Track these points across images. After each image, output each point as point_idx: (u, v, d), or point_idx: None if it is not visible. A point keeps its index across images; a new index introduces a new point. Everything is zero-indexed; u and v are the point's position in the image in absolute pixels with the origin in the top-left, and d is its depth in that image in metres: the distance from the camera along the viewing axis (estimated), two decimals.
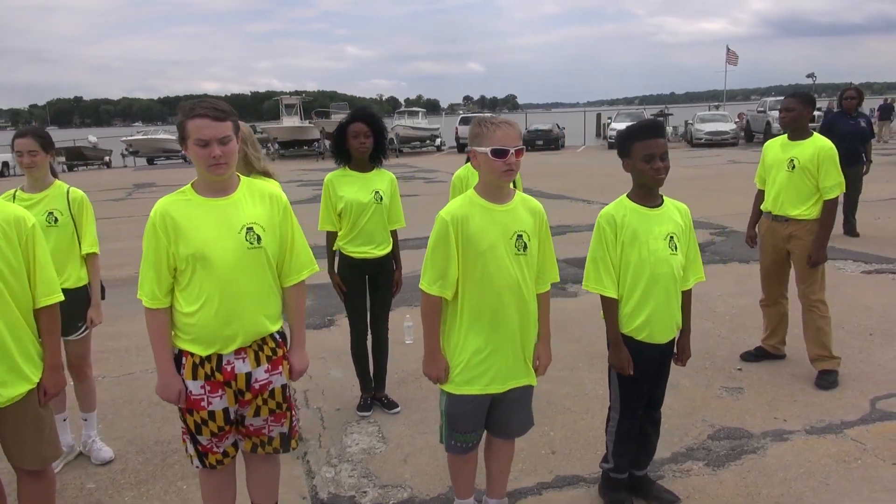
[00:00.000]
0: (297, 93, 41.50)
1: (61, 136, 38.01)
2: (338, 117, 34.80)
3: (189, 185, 2.46)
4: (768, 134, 24.01)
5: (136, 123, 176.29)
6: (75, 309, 3.48)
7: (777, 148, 4.54)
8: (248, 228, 2.42)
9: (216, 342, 2.41)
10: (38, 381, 2.52)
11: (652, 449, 3.16)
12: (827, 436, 3.68)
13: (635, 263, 2.84)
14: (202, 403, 2.44)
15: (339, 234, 4.05)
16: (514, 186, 4.17)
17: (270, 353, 2.52)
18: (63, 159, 30.66)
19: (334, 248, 4.10)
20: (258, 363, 2.48)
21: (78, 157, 32.15)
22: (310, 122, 34.15)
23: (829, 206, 4.34)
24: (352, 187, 3.97)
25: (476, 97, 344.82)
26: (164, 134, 35.44)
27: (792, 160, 4.38)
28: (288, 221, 2.56)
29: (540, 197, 13.96)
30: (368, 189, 3.98)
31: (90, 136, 36.80)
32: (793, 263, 4.51)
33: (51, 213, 3.43)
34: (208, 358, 2.42)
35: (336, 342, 5.31)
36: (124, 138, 34.61)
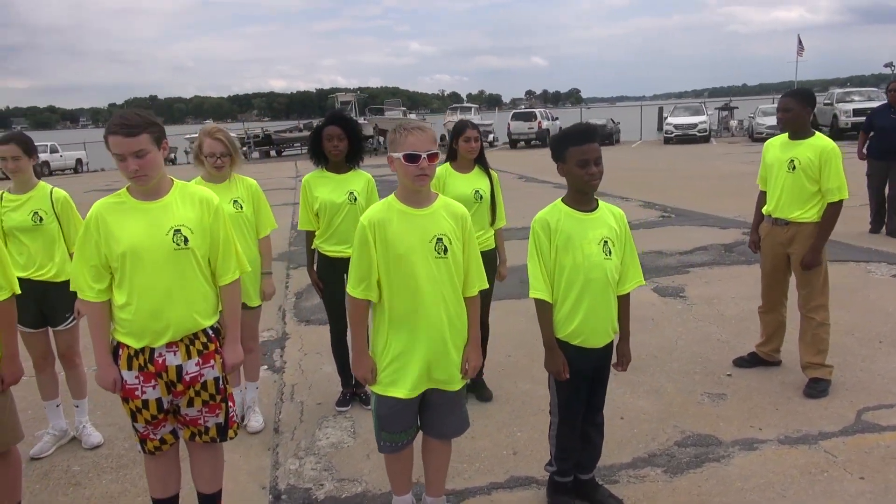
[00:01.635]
0: (354, 90, 42.16)
1: None
2: (392, 114, 35.29)
3: (125, 189, 2.62)
4: (835, 128, 22.96)
5: (207, 120, 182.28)
6: (62, 301, 3.73)
7: (777, 148, 4.39)
8: (175, 230, 2.56)
9: (146, 336, 2.56)
10: None
11: (596, 453, 3.15)
12: (799, 446, 3.57)
13: (569, 268, 2.84)
14: (136, 392, 2.60)
15: (316, 233, 4.18)
16: (495, 205, 4.20)
17: (201, 348, 2.65)
18: None
19: (312, 247, 4.22)
20: (189, 356, 2.62)
21: None
22: (364, 119, 34.67)
23: (830, 210, 4.17)
24: (326, 188, 4.09)
25: (539, 91, 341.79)
26: (232, 133, 36.59)
27: (792, 161, 4.23)
28: (219, 224, 2.69)
29: None
30: (343, 190, 4.08)
31: None
32: (792, 268, 4.36)
33: (35, 213, 3.67)
34: (142, 350, 2.57)
35: None
36: (188, 136, 35.93)
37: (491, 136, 34.70)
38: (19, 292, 2.82)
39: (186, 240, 2.57)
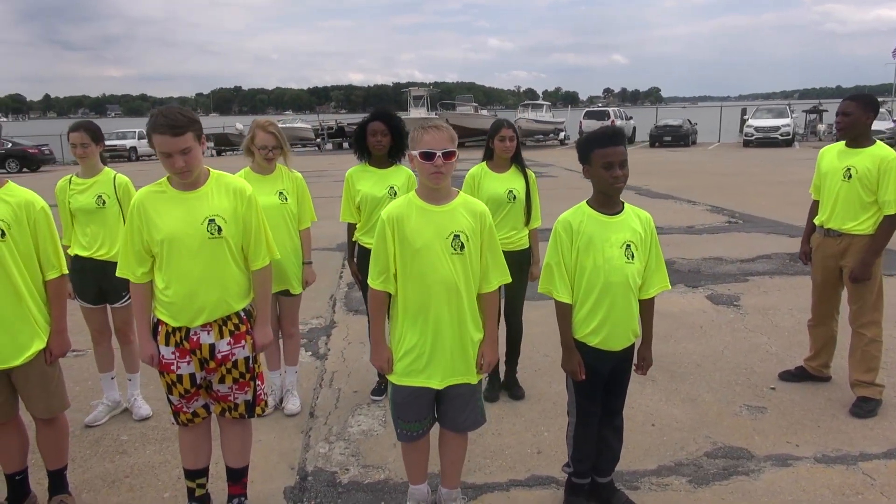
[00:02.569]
0: (427, 85, 42.45)
1: (220, 123, 41.55)
2: (463, 110, 35.42)
3: (165, 178, 2.79)
4: None
5: (287, 112, 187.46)
6: (120, 280, 3.97)
7: (833, 155, 4.20)
8: (210, 220, 2.72)
9: (183, 316, 2.74)
10: (45, 344, 2.95)
11: (614, 456, 3.13)
12: (836, 466, 3.44)
13: (590, 270, 2.84)
14: (172, 367, 2.79)
15: (357, 225, 4.30)
16: (530, 205, 4.21)
17: (233, 329, 2.82)
18: (212, 144, 33.48)
19: (353, 239, 4.34)
20: (221, 336, 2.79)
21: (225, 143, 34.89)
22: (435, 114, 34.91)
23: (886, 223, 3.97)
24: (368, 182, 4.19)
25: (617, 90, 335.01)
26: (301, 123, 37.64)
27: (848, 169, 4.05)
28: (252, 213, 2.83)
29: (645, 196, 13.74)
30: (384, 184, 4.18)
31: (237, 124, 39.78)
32: (844, 282, 4.18)
33: (99, 197, 3.93)
34: (179, 328, 2.76)
35: None
36: None
37: (562, 135, 34.34)
38: (66, 272, 3.04)
39: (220, 229, 2.72)
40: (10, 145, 26.39)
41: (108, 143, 31.23)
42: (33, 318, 2.90)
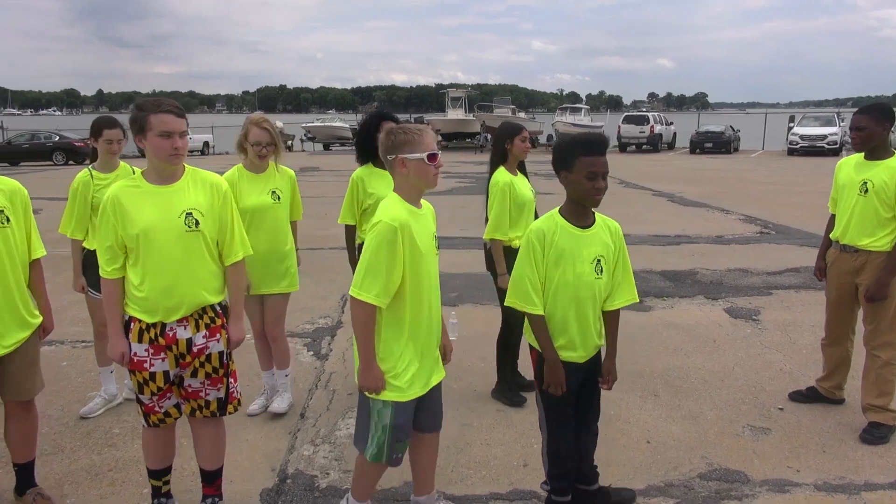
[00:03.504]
0: (465, 86, 42.42)
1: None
2: (500, 112, 35.24)
3: (139, 174, 2.78)
4: None
5: (331, 111, 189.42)
6: None
7: (850, 168, 4.00)
8: (187, 213, 2.72)
9: (159, 312, 2.73)
10: (37, 325, 3.04)
11: (593, 461, 3.07)
12: (836, 495, 3.26)
13: (557, 284, 2.76)
14: (145, 365, 2.76)
15: (364, 227, 4.25)
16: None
17: (209, 322, 2.82)
18: None
19: (359, 241, 4.27)
20: (197, 329, 2.78)
21: None
22: (473, 115, 34.86)
23: None
24: (381, 183, 4.05)
25: (662, 94, 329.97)
26: (340, 122, 37.95)
27: (865, 183, 3.85)
28: (227, 208, 2.83)
29: (677, 203, 13.48)
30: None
31: (278, 122, 40.18)
32: (860, 300, 3.98)
33: None
34: (154, 324, 2.74)
35: None
36: (304, 124, 37.57)
37: None
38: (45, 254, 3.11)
39: (198, 222, 2.73)
40: (57, 138, 27.23)
41: None
42: (25, 304, 2.98)
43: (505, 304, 2.91)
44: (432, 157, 2.57)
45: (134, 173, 3.98)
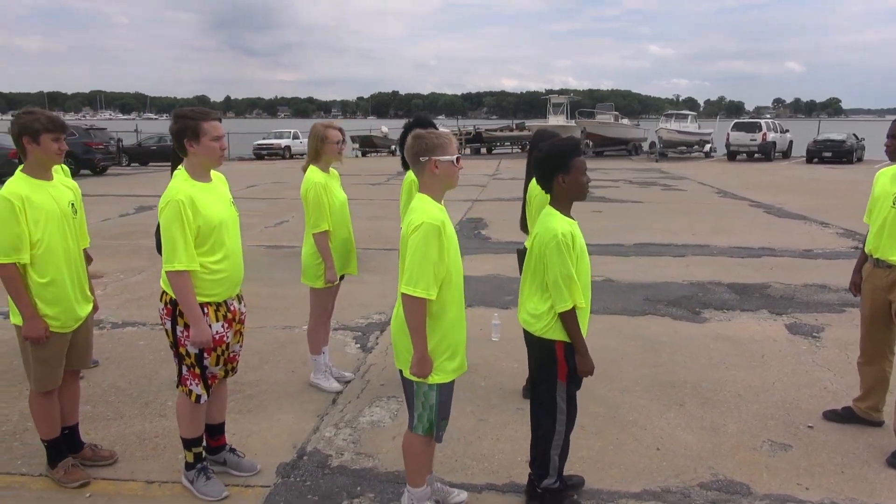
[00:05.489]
0: (567, 92, 42.06)
1: (375, 125, 43.99)
2: (602, 118, 34.67)
3: (183, 176, 3.13)
4: None
5: (440, 116, 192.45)
6: None
7: (887, 179, 3.83)
8: (232, 202, 3.27)
9: (234, 288, 3.25)
10: (93, 302, 3.56)
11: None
12: None
13: (582, 274, 3.00)
14: (225, 339, 3.25)
15: None
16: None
17: (241, 292, 3.39)
18: (357, 146, 35.32)
19: None
20: (239, 301, 3.35)
21: (369, 145, 36.62)
22: (574, 122, 34.49)
23: None
24: None
25: (789, 100, 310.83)
26: (442, 128, 38.61)
27: None
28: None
29: (773, 215, 12.89)
30: None
31: (382, 127, 41.63)
32: (894, 318, 3.80)
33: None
34: (223, 302, 3.22)
35: None
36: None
37: (708, 147, 32.48)
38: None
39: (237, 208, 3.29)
40: None
41: (265, 141, 33.75)
42: (87, 283, 3.52)
43: (565, 308, 2.94)
44: (458, 160, 2.90)
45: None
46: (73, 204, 3.36)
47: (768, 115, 57.49)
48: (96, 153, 21.69)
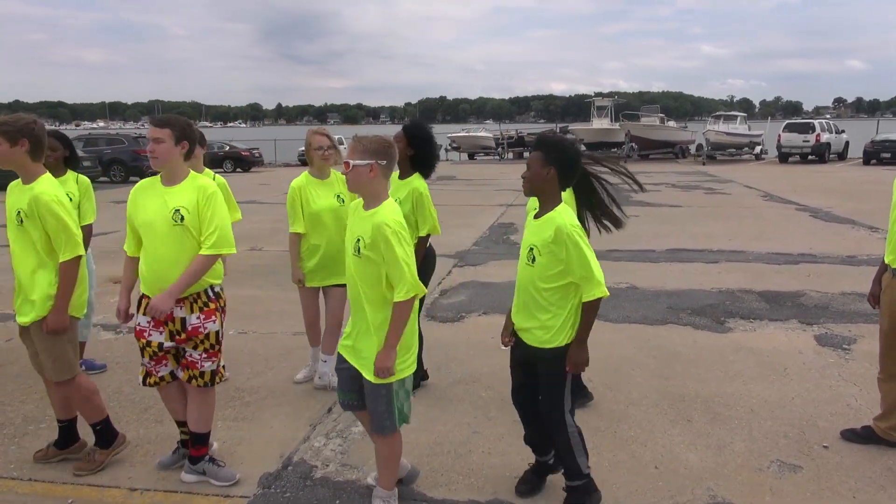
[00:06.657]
0: (611, 95, 41.38)
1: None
2: (647, 120, 34.00)
3: (159, 176, 3.27)
4: None
5: (487, 121, 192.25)
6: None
7: None
8: (176, 210, 3.20)
9: (156, 290, 3.23)
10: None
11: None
12: None
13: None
14: (145, 334, 3.31)
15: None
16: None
17: (203, 305, 3.30)
18: None
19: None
20: (192, 311, 3.28)
21: None
22: (618, 125, 33.92)
23: None
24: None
25: (851, 99, 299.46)
26: (484, 132, 38.52)
27: None
28: (207, 207, 3.24)
29: (820, 219, 12.40)
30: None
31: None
32: None
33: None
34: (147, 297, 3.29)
35: (462, 335, 5.65)
36: (450, 135, 38.51)
37: (758, 149, 31.44)
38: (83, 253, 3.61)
39: (183, 218, 3.19)
40: (228, 148, 30.21)
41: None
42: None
43: (598, 294, 2.93)
44: (346, 164, 2.97)
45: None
46: (20, 212, 3.34)
47: (828, 116, 55.39)
48: (144, 160, 22.39)
